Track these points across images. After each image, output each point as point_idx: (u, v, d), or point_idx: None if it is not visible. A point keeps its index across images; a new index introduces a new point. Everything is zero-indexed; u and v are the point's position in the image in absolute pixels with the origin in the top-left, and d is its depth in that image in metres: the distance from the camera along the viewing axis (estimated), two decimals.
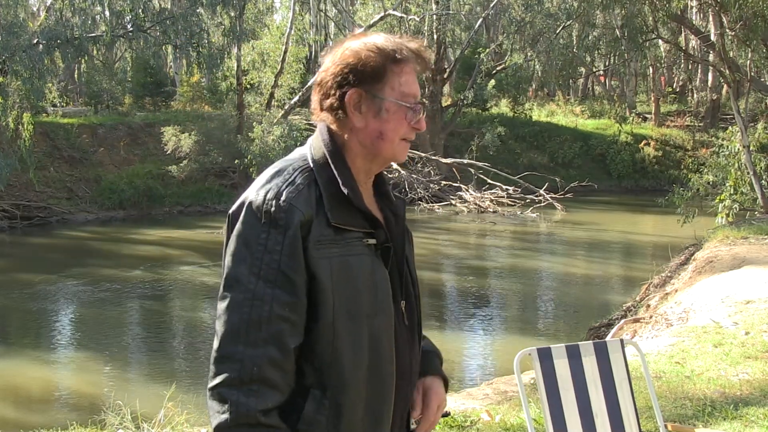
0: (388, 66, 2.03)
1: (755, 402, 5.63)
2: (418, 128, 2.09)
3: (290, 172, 2.00)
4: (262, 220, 1.93)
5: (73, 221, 24.14)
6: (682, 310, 9.18)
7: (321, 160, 2.03)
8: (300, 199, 1.95)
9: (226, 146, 26.66)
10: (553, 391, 3.87)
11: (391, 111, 2.04)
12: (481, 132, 31.31)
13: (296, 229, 1.92)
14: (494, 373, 9.45)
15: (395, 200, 2.20)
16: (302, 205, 1.94)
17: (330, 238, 1.96)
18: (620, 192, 32.45)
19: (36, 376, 10.38)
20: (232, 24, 27.17)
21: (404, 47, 2.06)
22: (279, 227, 1.92)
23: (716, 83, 34.90)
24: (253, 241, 1.93)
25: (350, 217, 2.00)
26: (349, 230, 2.00)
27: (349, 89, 2.02)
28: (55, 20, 25.77)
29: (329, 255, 1.95)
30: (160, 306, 14.66)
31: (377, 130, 2.04)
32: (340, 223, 1.98)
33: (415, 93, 2.07)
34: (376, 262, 2.04)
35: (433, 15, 30.74)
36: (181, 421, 5.84)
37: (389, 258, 2.09)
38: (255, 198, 1.95)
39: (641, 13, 20.86)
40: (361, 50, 2.03)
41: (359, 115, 2.04)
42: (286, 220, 1.92)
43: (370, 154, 2.08)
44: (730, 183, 16.70)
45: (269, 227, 1.92)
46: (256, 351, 1.87)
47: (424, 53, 2.09)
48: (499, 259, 19.34)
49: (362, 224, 2.03)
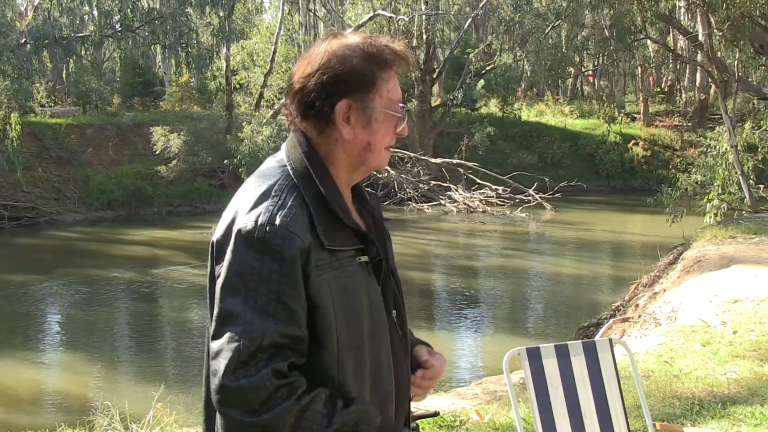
0: (378, 73, 1.93)
1: (743, 401, 5.65)
2: (401, 134, 2.02)
3: (278, 193, 1.87)
4: (256, 247, 1.80)
5: (62, 222, 24.04)
6: (671, 310, 9.21)
7: (304, 174, 1.92)
8: (297, 224, 1.83)
9: (215, 146, 26.61)
10: (542, 390, 3.88)
11: (380, 121, 1.95)
12: (471, 132, 31.33)
13: (295, 257, 1.80)
14: (483, 372, 9.47)
15: (370, 199, 2.13)
16: (300, 231, 1.82)
17: (326, 261, 1.86)
18: (609, 192, 32.53)
19: (24, 378, 10.33)
20: (221, 24, 27.13)
21: (390, 50, 1.95)
22: (275, 254, 1.79)
23: (704, 83, 35.04)
24: (246, 270, 1.80)
25: (342, 236, 1.91)
26: (341, 250, 1.90)
27: (339, 99, 1.91)
28: (43, 20, 25.66)
29: (328, 279, 1.85)
30: (149, 306, 14.62)
31: (365, 141, 1.95)
32: (334, 246, 1.88)
33: (400, 98, 1.99)
34: (369, 279, 1.96)
35: (422, 15, 30.75)
36: (170, 421, 5.82)
37: (381, 272, 2.00)
38: (244, 224, 1.82)
39: (630, 13, 20.93)
40: (348, 56, 1.91)
41: (348, 127, 1.93)
42: (283, 247, 1.79)
43: (354, 165, 1.99)
44: (718, 183, 16.77)
45: (263, 254, 1.79)
46: (261, 374, 1.77)
47: (409, 56, 2.00)
48: (489, 259, 19.37)
49: (353, 242, 1.94)
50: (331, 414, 1.81)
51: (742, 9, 16.11)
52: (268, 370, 1.76)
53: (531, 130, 35.52)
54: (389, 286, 2.06)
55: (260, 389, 1.75)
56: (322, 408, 1.80)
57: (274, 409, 1.76)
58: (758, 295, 8.95)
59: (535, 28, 30.83)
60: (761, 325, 7.69)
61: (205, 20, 27.83)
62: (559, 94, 45.26)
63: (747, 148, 18.48)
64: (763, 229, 13.60)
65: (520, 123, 35.95)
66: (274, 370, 1.77)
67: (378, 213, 2.13)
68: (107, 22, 26.12)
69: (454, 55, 33.97)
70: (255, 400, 1.76)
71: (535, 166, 32.40)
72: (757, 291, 9.13)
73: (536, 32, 30.93)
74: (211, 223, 21.45)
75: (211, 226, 9.38)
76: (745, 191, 16.94)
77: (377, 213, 2.12)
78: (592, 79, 44.37)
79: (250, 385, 1.76)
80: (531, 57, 31.88)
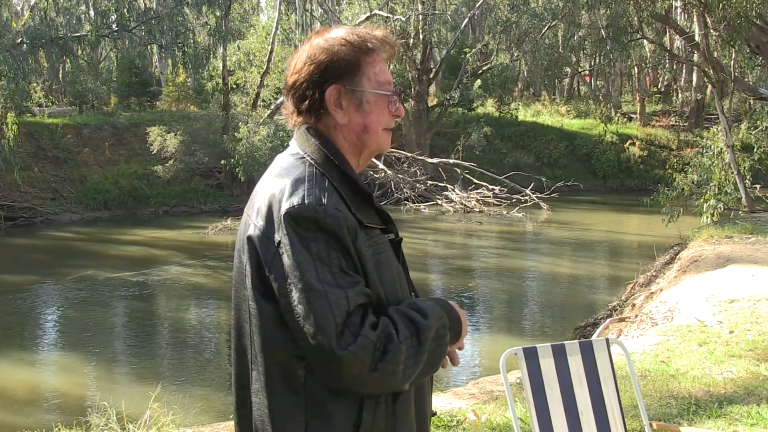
0: (362, 58, 2.02)
1: (739, 400, 5.66)
2: (397, 115, 2.10)
3: (311, 178, 1.95)
4: (310, 227, 1.87)
5: (58, 222, 24.02)
6: (667, 309, 9.22)
7: (326, 162, 1.99)
8: (340, 204, 1.92)
9: (211, 146, 26.60)
10: (538, 390, 3.88)
11: (372, 102, 2.03)
12: (467, 132, 31.38)
13: (346, 234, 1.88)
14: (480, 372, 9.46)
15: None
16: (344, 210, 1.91)
17: (365, 238, 1.95)
18: (605, 192, 32.58)
19: (20, 378, 10.31)
20: (217, 24, 27.12)
21: (372, 36, 2.05)
22: (329, 232, 1.87)
23: (700, 83, 35.11)
24: (308, 248, 1.86)
25: (371, 215, 2.01)
26: (374, 228, 2.00)
27: (328, 86, 2.00)
28: (40, 20, 25.65)
29: (369, 255, 1.95)
30: (146, 306, 14.59)
31: (361, 123, 2.04)
32: (369, 223, 1.98)
33: (390, 80, 2.08)
34: (394, 257, 2.06)
35: (419, 15, 30.78)
36: (167, 422, 5.82)
37: (400, 251, 2.12)
38: (292, 207, 1.88)
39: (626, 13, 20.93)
40: (331, 46, 2.01)
41: (341, 111, 2.02)
42: (334, 225, 1.87)
43: (357, 149, 2.07)
44: (714, 183, 16.80)
45: (318, 232, 1.87)
46: (362, 334, 1.84)
47: (391, 40, 2.09)
48: (485, 258, 19.36)
49: (378, 221, 2.04)
50: (420, 331, 1.91)
51: (738, 9, 16.13)
52: (366, 327, 1.85)
53: (527, 130, 35.57)
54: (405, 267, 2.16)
55: (367, 346, 1.84)
56: (412, 331, 1.91)
57: (387, 355, 1.85)
58: (754, 294, 8.96)
59: (531, 28, 30.88)
60: (757, 325, 7.70)
61: (201, 20, 27.77)
62: (556, 94, 45.32)
63: (743, 148, 18.54)
64: (759, 229, 13.64)
65: (517, 123, 36.00)
66: (368, 325, 1.86)
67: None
68: (104, 21, 26.05)
69: (451, 55, 34.00)
70: (367, 358, 1.84)
71: (531, 166, 32.45)
72: (754, 291, 9.15)
73: (533, 32, 30.99)
74: (207, 223, 21.52)
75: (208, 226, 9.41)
76: (741, 191, 16.97)
77: None
78: (589, 79, 44.43)
79: (359, 347, 1.83)
80: (527, 57, 31.95)
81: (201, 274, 16.53)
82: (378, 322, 1.88)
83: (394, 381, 1.88)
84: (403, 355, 1.87)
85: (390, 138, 2.12)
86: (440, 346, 1.97)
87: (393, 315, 1.92)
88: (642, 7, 19.29)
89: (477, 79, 32.61)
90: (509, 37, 32.80)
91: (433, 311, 1.97)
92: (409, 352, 1.88)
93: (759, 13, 17.71)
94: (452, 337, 2.02)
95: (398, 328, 1.89)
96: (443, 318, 1.98)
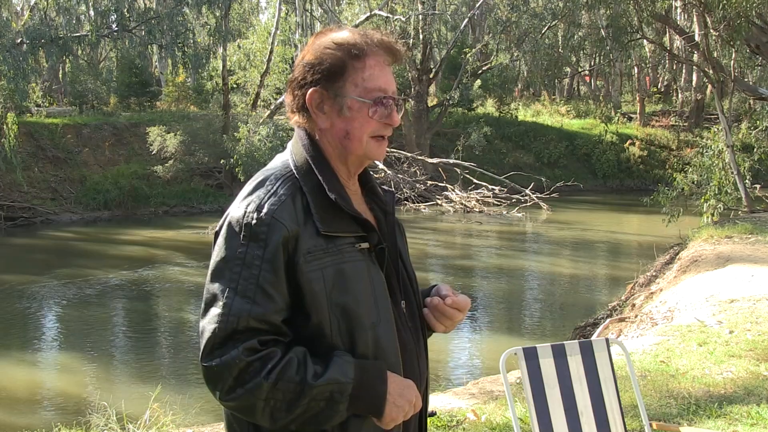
0: (348, 62, 1.96)
1: (739, 400, 5.66)
2: (390, 123, 2.02)
3: (272, 182, 1.93)
4: (242, 233, 1.86)
5: (58, 222, 24.02)
6: (667, 309, 9.22)
7: (304, 166, 1.97)
8: (284, 211, 1.87)
9: (211, 146, 26.61)
10: (538, 390, 3.88)
11: (354, 109, 1.96)
12: (467, 132, 31.38)
13: (278, 244, 1.84)
14: (480, 372, 9.46)
15: (383, 195, 2.15)
16: (286, 219, 1.87)
17: (321, 248, 1.89)
18: (605, 191, 32.57)
19: (20, 378, 10.31)
20: (217, 24, 27.13)
21: (367, 40, 1.98)
22: (259, 240, 1.85)
23: (700, 83, 35.11)
24: (232, 256, 1.86)
25: (341, 223, 1.93)
26: (340, 237, 1.92)
27: (308, 89, 1.97)
28: (40, 20, 25.64)
29: (322, 266, 1.88)
30: (146, 306, 14.59)
31: (343, 129, 1.98)
32: (330, 231, 1.91)
33: (382, 86, 1.98)
34: (371, 266, 1.97)
35: (418, 15, 30.77)
36: (167, 421, 5.82)
37: (384, 260, 2.02)
38: (236, 212, 1.89)
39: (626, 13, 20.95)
40: (318, 48, 1.97)
41: (323, 116, 1.98)
42: (267, 234, 1.84)
43: (342, 155, 2.01)
44: (714, 183, 16.79)
45: (248, 241, 1.85)
46: (232, 353, 1.81)
47: (391, 44, 2.01)
48: (485, 258, 19.36)
49: (354, 229, 1.96)
50: (304, 383, 1.82)
51: (738, 9, 16.13)
52: (239, 348, 1.81)
53: (527, 130, 35.57)
54: (396, 276, 2.08)
55: (232, 367, 1.81)
56: (295, 376, 1.82)
57: (247, 384, 1.81)
58: (754, 294, 8.96)
59: (531, 28, 30.86)
60: (757, 325, 7.70)
61: (201, 20, 27.79)
62: (556, 94, 45.32)
63: (743, 148, 18.54)
64: (759, 229, 13.64)
65: (517, 123, 36.01)
66: (245, 348, 1.81)
67: (390, 208, 2.15)
68: (104, 21, 26.07)
69: (451, 55, 34.00)
70: (228, 378, 1.82)
71: (531, 166, 32.46)
72: (754, 291, 9.14)
73: (533, 32, 30.96)
74: (207, 223, 21.50)
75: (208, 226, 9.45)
76: (741, 191, 16.97)
77: (389, 208, 2.14)
78: (589, 79, 44.45)
79: (223, 364, 1.81)
80: (527, 57, 31.92)
81: (201, 274, 16.51)
82: (263, 351, 1.82)
83: (253, 414, 1.85)
84: (264, 393, 1.80)
85: (383, 146, 2.04)
86: (329, 409, 1.84)
87: (291, 355, 1.84)
88: (642, 7, 19.29)
89: (477, 79, 32.62)
90: (509, 37, 32.77)
91: (336, 373, 1.85)
92: (274, 395, 1.80)
93: (759, 13, 17.70)
94: (362, 408, 1.90)
95: (279, 367, 1.81)
96: (345, 385, 1.85)
